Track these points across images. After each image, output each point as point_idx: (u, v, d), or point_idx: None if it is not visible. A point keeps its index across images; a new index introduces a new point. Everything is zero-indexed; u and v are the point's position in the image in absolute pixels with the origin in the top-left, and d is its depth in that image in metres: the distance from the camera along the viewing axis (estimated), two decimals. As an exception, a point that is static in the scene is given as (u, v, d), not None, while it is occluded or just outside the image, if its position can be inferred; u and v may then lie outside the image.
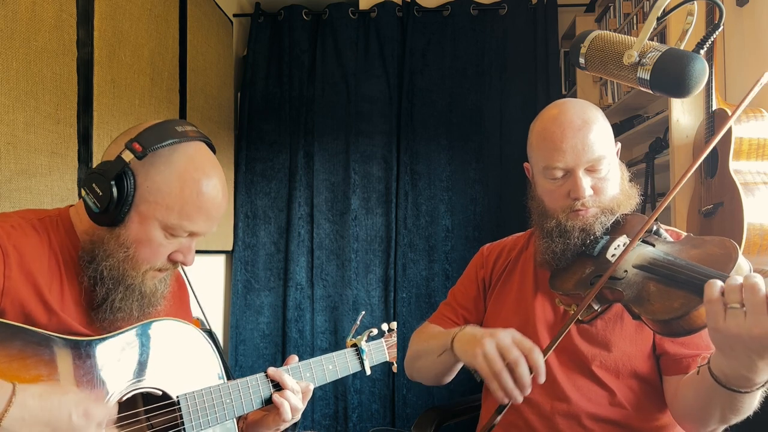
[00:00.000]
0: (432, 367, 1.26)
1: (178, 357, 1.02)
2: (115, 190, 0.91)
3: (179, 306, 1.17)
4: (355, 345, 1.30)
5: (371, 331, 1.33)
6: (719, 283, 0.81)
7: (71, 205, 1.04)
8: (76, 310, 0.95)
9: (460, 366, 1.24)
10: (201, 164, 0.96)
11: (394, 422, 3.07)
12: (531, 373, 0.95)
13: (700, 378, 0.96)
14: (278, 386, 1.11)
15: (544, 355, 0.97)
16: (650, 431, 1.13)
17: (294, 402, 1.09)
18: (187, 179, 0.94)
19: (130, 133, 0.96)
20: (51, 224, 0.97)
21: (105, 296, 0.94)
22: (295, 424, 1.23)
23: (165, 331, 1.01)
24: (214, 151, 1.03)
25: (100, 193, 0.91)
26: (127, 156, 0.91)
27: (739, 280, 0.79)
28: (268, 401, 1.10)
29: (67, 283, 0.95)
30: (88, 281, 0.94)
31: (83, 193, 0.94)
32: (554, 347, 0.99)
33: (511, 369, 0.95)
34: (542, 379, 0.95)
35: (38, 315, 0.89)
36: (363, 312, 1.50)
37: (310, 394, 1.14)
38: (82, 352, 0.90)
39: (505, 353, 0.96)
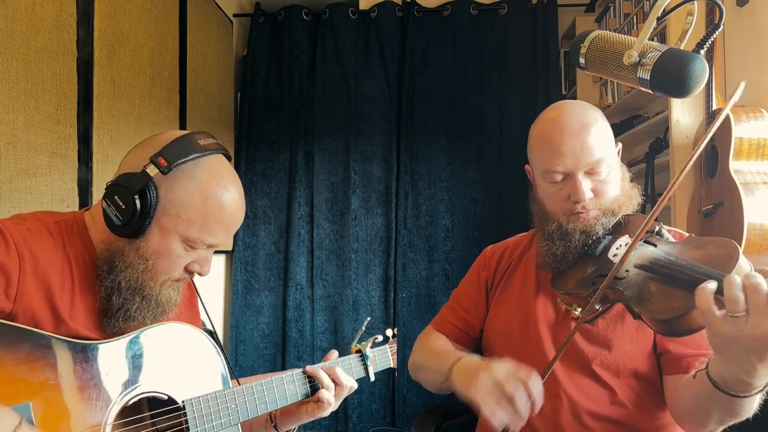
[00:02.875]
0: (434, 384, 1.27)
1: (184, 361, 1.02)
2: (138, 203, 0.91)
3: (189, 309, 1.17)
4: (359, 351, 1.30)
5: (376, 338, 1.33)
6: (709, 289, 0.80)
7: (87, 209, 1.03)
8: (88, 317, 0.95)
9: None
10: (222, 178, 0.98)
11: (394, 422, 3.07)
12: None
13: (698, 381, 0.96)
14: (313, 380, 1.16)
15: (549, 368, 0.98)
16: (651, 430, 1.13)
17: (328, 397, 1.14)
18: (209, 194, 0.95)
19: (153, 144, 0.96)
20: (66, 229, 0.97)
21: (120, 305, 0.95)
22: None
23: (171, 334, 1.02)
24: (230, 160, 1.04)
25: (123, 206, 0.92)
26: (152, 170, 0.92)
27: (738, 281, 0.77)
28: (305, 397, 1.16)
29: (79, 290, 0.95)
30: (104, 291, 0.95)
31: (104, 204, 0.94)
32: (558, 356, 0.99)
33: (510, 400, 0.95)
34: (538, 407, 0.96)
35: (46, 324, 0.89)
36: (369, 318, 1.49)
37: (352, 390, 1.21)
38: (90, 356, 0.90)
39: (502, 386, 0.96)
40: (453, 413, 1.57)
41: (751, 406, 0.92)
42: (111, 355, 0.92)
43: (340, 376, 1.17)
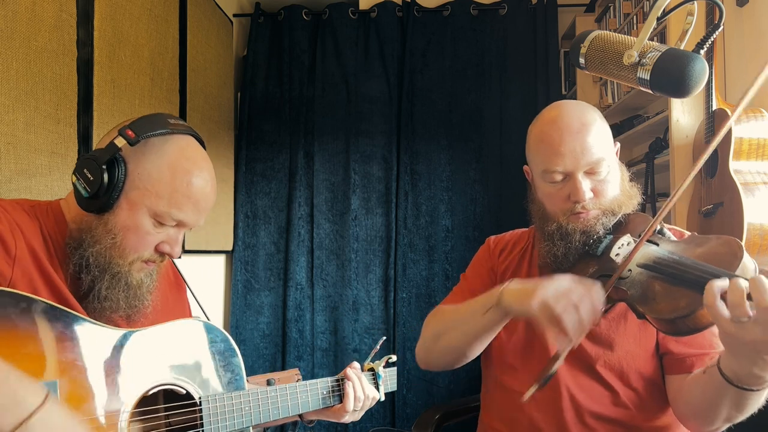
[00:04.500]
0: (465, 335, 1.17)
1: (207, 358, 1.03)
2: (106, 175, 0.91)
3: (175, 303, 1.17)
4: (372, 369, 1.29)
5: (390, 358, 1.33)
6: (717, 286, 0.80)
7: (62, 198, 1.04)
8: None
9: (497, 331, 1.16)
10: (192, 156, 0.98)
11: (394, 422, 3.07)
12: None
13: (708, 377, 0.96)
14: (336, 389, 1.23)
15: (606, 291, 0.96)
16: (653, 431, 1.13)
17: (351, 411, 1.23)
18: (178, 168, 0.95)
19: (123, 123, 0.97)
20: (41, 211, 0.98)
21: (91, 284, 0.94)
22: (294, 424, 1.24)
23: (196, 330, 1.03)
24: (203, 146, 1.04)
25: (91, 178, 0.91)
26: (120, 142, 0.92)
27: (741, 286, 0.77)
28: (323, 407, 1.22)
29: (60, 268, 0.95)
30: (73, 268, 0.94)
31: (73, 179, 0.94)
32: (612, 282, 0.97)
33: (575, 308, 0.91)
34: (599, 317, 0.93)
35: (41, 288, 0.89)
36: (384, 338, 1.45)
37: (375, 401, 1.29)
38: (118, 342, 0.91)
39: (568, 294, 0.93)
40: (453, 413, 1.57)
41: (759, 400, 0.92)
42: (137, 344, 0.94)
43: (365, 388, 1.25)
